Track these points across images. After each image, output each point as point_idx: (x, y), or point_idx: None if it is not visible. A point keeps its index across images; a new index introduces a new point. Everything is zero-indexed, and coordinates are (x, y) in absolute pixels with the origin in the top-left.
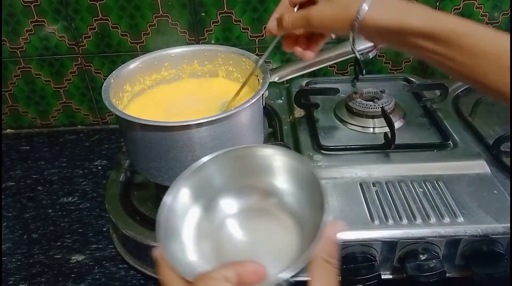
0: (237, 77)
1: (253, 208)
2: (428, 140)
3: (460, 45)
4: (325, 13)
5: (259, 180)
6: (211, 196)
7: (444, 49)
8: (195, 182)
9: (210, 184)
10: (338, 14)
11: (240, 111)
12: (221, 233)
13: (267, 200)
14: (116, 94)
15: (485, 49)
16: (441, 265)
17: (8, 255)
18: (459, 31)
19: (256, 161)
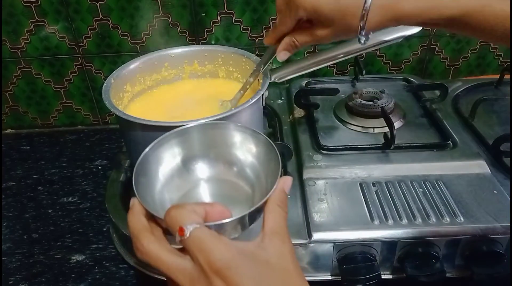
0: (237, 77)
1: (219, 177)
2: (428, 140)
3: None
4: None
5: (226, 150)
6: (186, 158)
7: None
8: (174, 143)
9: (186, 148)
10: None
11: (240, 111)
12: (190, 191)
13: (230, 169)
14: (117, 94)
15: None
16: (441, 265)
17: (8, 255)
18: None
19: (225, 134)
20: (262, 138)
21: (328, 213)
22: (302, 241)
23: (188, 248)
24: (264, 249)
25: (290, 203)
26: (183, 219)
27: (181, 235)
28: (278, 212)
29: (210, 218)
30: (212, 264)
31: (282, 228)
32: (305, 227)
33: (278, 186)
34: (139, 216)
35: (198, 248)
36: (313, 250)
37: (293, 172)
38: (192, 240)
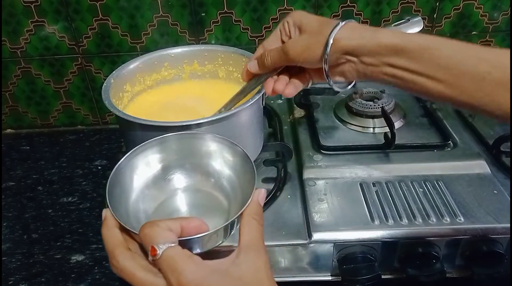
0: (237, 77)
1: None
2: (428, 140)
3: (430, 58)
4: (300, 42)
5: (203, 161)
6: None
7: (416, 64)
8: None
9: (163, 158)
10: (311, 41)
11: (240, 111)
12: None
13: (207, 180)
14: (116, 94)
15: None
16: (441, 265)
17: (8, 255)
18: (428, 44)
19: (202, 145)
20: (239, 149)
21: (328, 213)
22: (302, 241)
23: (160, 268)
24: (238, 265)
25: (290, 203)
26: (156, 238)
27: (153, 255)
28: (254, 225)
29: (186, 234)
30: (183, 284)
31: (257, 241)
32: (305, 227)
33: (253, 199)
34: (113, 230)
35: (170, 268)
36: (313, 250)
37: (293, 172)
38: (164, 259)
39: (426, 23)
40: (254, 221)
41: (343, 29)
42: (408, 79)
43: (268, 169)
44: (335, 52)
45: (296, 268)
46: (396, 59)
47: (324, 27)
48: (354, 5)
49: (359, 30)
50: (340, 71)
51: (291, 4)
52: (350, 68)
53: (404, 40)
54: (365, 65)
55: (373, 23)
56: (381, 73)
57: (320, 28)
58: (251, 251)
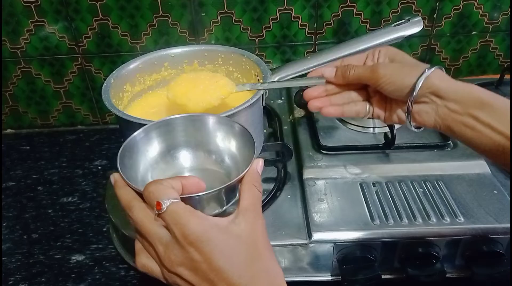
0: (237, 77)
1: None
2: (428, 140)
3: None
4: (392, 67)
5: (206, 140)
6: (170, 146)
7: (498, 122)
8: (159, 132)
9: (171, 137)
10: (404, 69)
11: (240, 111)
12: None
13: (209, 158)
14: (116, 94)
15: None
16: (441, 265)
17: (8, 255)
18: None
19: (205, 125)
20: (238, 126)
21: (328, 213)
22: (302, 241)
23: (165, 221)
24: (237, 224)
25: (290, 203)
26: (161, 194)
27: (158, 209)
28: (253, 191)
29: (186, 191)
30: (186, 236)
31: (255, 206)
32: (305, 227)
33: (251, 167)
34: (126, 188)
35: (174, 222)
36: (313, 250)
37: (293, 172)
38: (169, 214)
39: (426, 23)
40: (253, 187)
41: (437, 71)
42: (486, 134)
43: (268, 169)
44: (425, 87)
45: (296, 268)
46: (481, 113)
47: (420, 64)
48: (354, 5)
49: (449, 77)
50: (417, 111)
51: (291, 4)
52: (430, 109)
53: (492, 97)
54: (448, 110)
55: (373, 23)
56: (461, 123)
57: (415, 63)
58: (249, 213)
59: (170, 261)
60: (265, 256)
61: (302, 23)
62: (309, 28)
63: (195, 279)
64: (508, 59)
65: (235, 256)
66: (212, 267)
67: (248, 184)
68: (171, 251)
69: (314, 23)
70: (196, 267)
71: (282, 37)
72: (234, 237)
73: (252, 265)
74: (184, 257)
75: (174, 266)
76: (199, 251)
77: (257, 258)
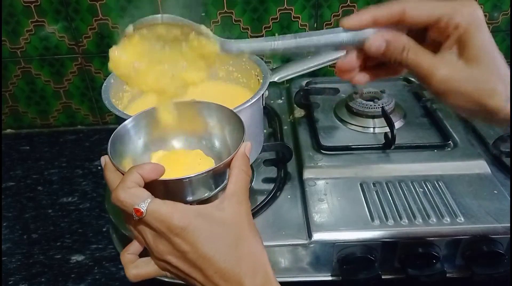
0: (237, 77)
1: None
2: (428, 140)
3: None
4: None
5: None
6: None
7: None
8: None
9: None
10: (485, 75)
11: (240, 111)
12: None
13: (200, 143)
14: (116, 94)
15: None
16: (441, 265)
17: (8, 255)
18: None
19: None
20: (228, 111)
21: (329, 213)
22: (302, 241)
23: (148, 223)
24: (222, 210)
25: (290, 203)
26: (134, 200)
27: (139, 215)
28: (241, 175)
29: (147, 179)
30: (172, 230)
31: (241, 191)
32: (305, 227)
33: (239, 150)
34: (116, 172)
35: (157, 220)
36: (313, 251)
37: (293, 172)
38: (150, 214)
39: None
40: (241, 171)
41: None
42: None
43: (268, 169)
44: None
45: (296, 268)
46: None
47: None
48: (354, 5)
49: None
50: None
51: (291, 4)
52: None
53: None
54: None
55: None
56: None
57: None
58: (233, 199)
59: (159, 250)
60: (250, 239)
61: (302, 23)
62: (309, 28)
63: (184, 266)
64: (508, 59)
65: (220, 242)
66: (198, 255)
67: (237, 168)
68: (160, 242)
69: (314, 23)
70: (184, 256)
71: None
72: (218, 224)
73: (237, 248)
74: (172, 247)
75: (163, 255)
76: (185, 241)
77: (241, 241)
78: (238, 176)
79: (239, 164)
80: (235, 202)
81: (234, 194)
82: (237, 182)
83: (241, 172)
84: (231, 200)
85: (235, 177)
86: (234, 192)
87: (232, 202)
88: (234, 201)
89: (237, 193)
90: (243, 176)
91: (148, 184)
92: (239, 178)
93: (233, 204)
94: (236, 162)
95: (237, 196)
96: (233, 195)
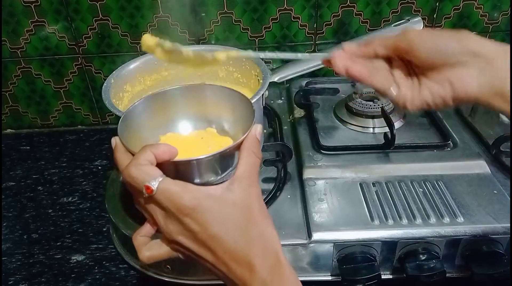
0: (237, 77)
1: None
2: (428, 140)
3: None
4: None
5: (206, 109)
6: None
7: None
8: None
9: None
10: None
11: None
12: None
13: (210, 126)
14: (116, 94)
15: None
16: (441, 265)
17: (8, 255)
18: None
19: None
20: (237, 94)
21: (328, 213)
22: (302, 241)
23: (158, 202)
24: (232, 191)
25: (290, 203)
26: (145, 177)
27: (149, 192)
28: (251, 157)
29: (159, 160)
30: (181, 210)
31: (251, 174)
32: (305, 227)
33: (250, 133)
34: (127, 153)
35: (167, 199)
36: (313, 250)
37: (293, 172)
38: (161, 193)
39: (426, 23)
40: (252, 153)
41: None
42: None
43: (268, 169)
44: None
45: (296, 268)
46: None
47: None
48: (354, 5)
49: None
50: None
51: (291, 4)
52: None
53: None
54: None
55: (373, 23)
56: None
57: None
58: (243, 182)
59: (169, 231)
60: (260, 221)
61: (302, 23)
62: (309, 28)
63: (195, 247)
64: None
65: (230, 223)
66: (208, 235)
67: (247, 150)
68: (170, 222)
69: (314, 23)
70: (194, 236)
71: (282, 37)
72: (228, 205)
73: (247, 230)
74: (182, 227)
75: (173, 235)
76: (195, 221)
77: (251, 223)
78: (249, 159)
79: (250, 146)
80: (246, 184)
81: (244, 177)
82: (247, 164)
83: (251, 154)
84: (241, 182)
85: (245, 159)
86: (244, 174)
87: (243, 184)
88: (244, 183)
89: (247, 176)
90: (253, 158)
91: (158, 165)
92: (249, 161)
93: (243, 186)
94: (246, 144)
95: (247, 178)
96: (243, 177)
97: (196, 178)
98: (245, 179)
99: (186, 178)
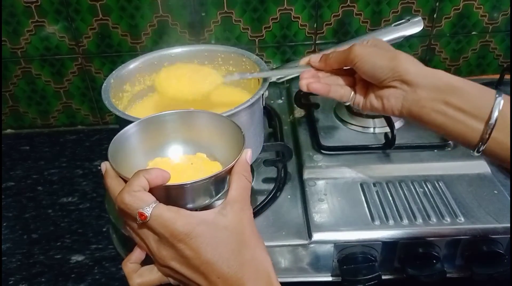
0: None
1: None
2: (428, 140)
3: (487, 103)
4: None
5: (196, 135)
6: (161, 140)
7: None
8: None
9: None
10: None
11: (240, 111)
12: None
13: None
14: (116, 94)
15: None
16: (441, 265)
17: (8, 255)
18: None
19: (195, 120)
20: (227, 121)
21: (329, 213)
22: (302, 241)
23: (152, 227)
24: (224, 215)
25: (290, 203)
26: (139, 203)
27: (143, 219)
28: (242, 181)
29: (152, 185)
30: (175, 236)
31: (243, 197)
32: (306, 228)
33: (240, 157)
34: (117, 178)
35: (161, 225)
36: (313, 251)
37: (293, 172)
38: (154, 219)
39: (426, 23)
40: (242, 177)
41: (408, 56)
42: (459, 119)
43: (268, 169)
44: (395, 71)
45: (296, 268)
46: (452, 98)
47: (395, 50)
48: (354, 5)
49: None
50: (387, 95)
51: (291, 4)
52: (398, 95)
53: (461, 81)
54: (417, 97)
55: (373, 23)
56: (431, 109)
57: (392, 49)
58: (235, 206)
59: (162, 256)
60: (252, 244)
61: (302, 23)
62: (309, 28)
63: (188, 272)
64: (508, 59)
65: (223, 247)
66: (202, 261)
67: (238, 174)
68: (163, 248)
69: (314, 23)
70: (187, 262)
71: (282, 37)
72: (221, 229)
73: (240, 254)
74: (175, 253)
75: (166, 260)
76: (189, 247)
77: (244, 247)
78: (240, 182)
79: (241, 170)
80: (237, 208)
81: (236, 201)
82: (239, 188)
83: (242, 178)
84: (233, 206)
85: (236, 183)
86: (236, 198)
87: (234, 208)
88: (236, 207)
89: (239, 199)
90: (245, 182)
91: (150, 189)
92: (240, 184)
93: (235, 210)
94: (237, 168)
95: (239, 202)
96: (235, 201)
97: (188, 202)
98: (237, 203)
99: (178, 202)
